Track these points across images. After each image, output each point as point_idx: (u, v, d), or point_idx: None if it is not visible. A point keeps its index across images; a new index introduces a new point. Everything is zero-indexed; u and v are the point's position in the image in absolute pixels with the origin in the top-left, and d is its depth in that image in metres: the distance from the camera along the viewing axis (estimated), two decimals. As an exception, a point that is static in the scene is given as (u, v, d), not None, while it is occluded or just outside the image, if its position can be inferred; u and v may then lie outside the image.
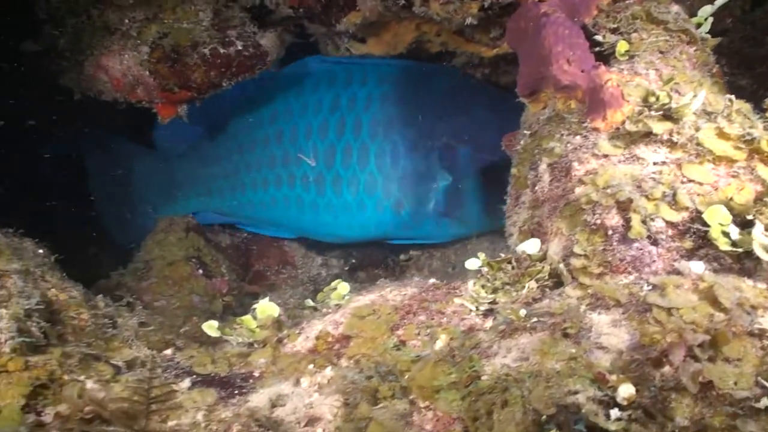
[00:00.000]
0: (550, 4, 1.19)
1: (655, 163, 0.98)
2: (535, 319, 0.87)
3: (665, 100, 0.98)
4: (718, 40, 1.20)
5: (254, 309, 1.15)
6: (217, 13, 1.58)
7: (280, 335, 1.10)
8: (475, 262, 1.04)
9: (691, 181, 0.95)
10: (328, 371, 0.98)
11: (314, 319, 1.12)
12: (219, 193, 2.25)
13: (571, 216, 0.99)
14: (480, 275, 1.03)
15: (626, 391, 0.72)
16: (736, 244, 0.86)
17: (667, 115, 0.99)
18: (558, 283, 0.98)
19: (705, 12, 1.22)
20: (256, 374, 1.01)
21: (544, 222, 1.06)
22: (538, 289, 0.97)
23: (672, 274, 0.87)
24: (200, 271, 1.90)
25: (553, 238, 1.02)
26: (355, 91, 2.04)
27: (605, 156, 1.01)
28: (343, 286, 1.17)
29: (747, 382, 0.71)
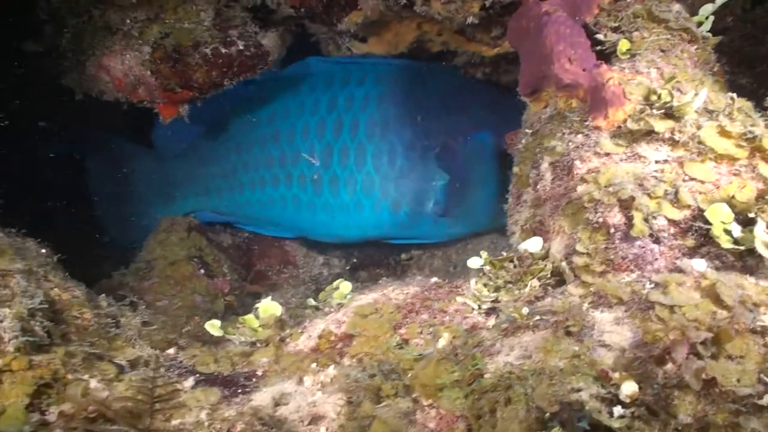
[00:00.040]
0: (551, 3, 1.19)
1: (657, 162, 0.98)
2: (537, 317, 0.87)
3: (667, 99, 0.99)
4: (719, 38, 1.20)
5: (257, 308, 1.15)
6: (219, 13, 1.58)
7: (283, 334, 1.10)
8: (478, 261, 1.04)
9: (692, 179, 0.95)
10: (331, 370, 0.98)
11: (316, 318, 1.12)
12: (217, 192, 2.24)
13: (574, 214, 0.99)
14: (482, 274, 1.03)
15: (629, 388, 0.72)
16: (738, 242, 0.86)
17: (669, 114, 0.99)
18: (560, 281, 0.98)
19: (706, 11, 1.22)
20: (259, 373, 1.01)
21: (546, 220, 1.07)
22: (541, 287, 0.97)
23: (674, 272, 0.87)
24: (202, 271, 1.90)
25: (555, 236, 1.02)
26: (352, 91, 2.03)
27: (607, 154, 1.01)
28: (346, 285, 1.17)
29: (750, 379, 0.71)
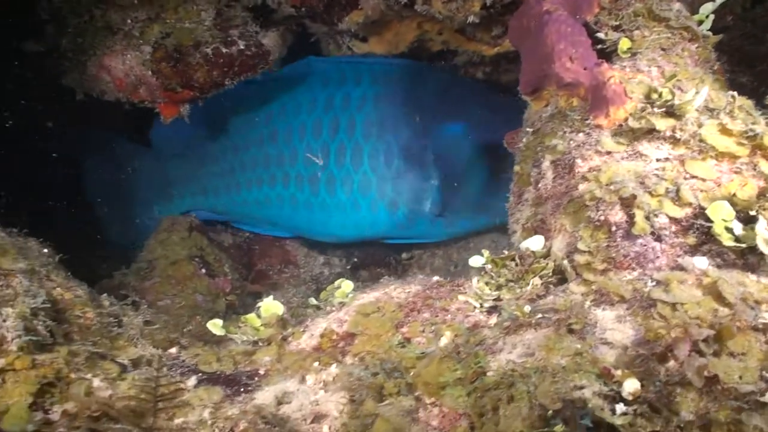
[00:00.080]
0: (552, 1, 1.19)
1: (658, 160, 0.98)
2: (539, 315, 0.88)
3: (668, 97, 0.99)
4: (720, 37, 1.21)
5: (258, 307, 1.15)
6: (220, 13, 1.58)
7: (285, 333, 1.10)
8: (479, 260, 1.04)
9: (694, 177, 0.95)
10: (333, 369, 0.98)
11: (318, 317, 1.12)
12: (214, 191, 2.25)
13: (575, 212, 0.99)
14: (484, 272, 1.04)
15: (631, 386, 0.73)
16: (739, 240, 0.87)
17: (670, 112, 0.99)
18: (562, 279, 0.98)
19: (706, 9, 1.22)
20: (262, 372, 1.01)
21: (548, 219, 1.07)
22: (542, 285, 0.98)
23: (676, 270, 0.87)
24: (203, 271, 1.90)
25: (557, 234, 1.02)
26: (349, 90, 2.03)
27: (608, 153, 1.01)
28: (347, 284, 1.17)
29: (752, 376, 0.71)
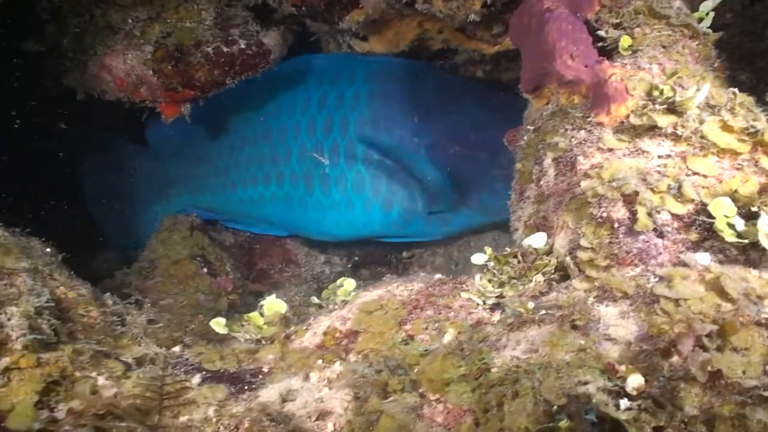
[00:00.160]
0: (553, -1, 1.20)
1: (660, 157, 0.98)
2: (543, 312, 0.88)
3: (669, 94, 0.99)
4: (720, 34, 1.21)
5: (261, 306, 1.15)
6: (220, 12, 1.59)
7: (288, 331, 1.10)
8: (481, 257, 1.04)
9: (695, 173, 0.95)
10: (337, 366, 0.98)
11: (321, 316, 1.12)
12: (211, 190, 2.25)
13: (577, 209, 1.00)
14: (486, 270, 1.04)
15: (635, 381, 0.73)
16: (741, 236, 0.87)
17: (671, 109, 1.00)
18: (565, 276, 0.98)
19: (706, 7, 1.23)
20: (265, 370, 1.02)
21: (550, 216, 1.07)
22: (545, 282, 0.98)
23: (678, 266, 0.87)
24: (205, 270, 1.90)
25: (559, 231, 1.03)
26: (342, 89, 2.03)
27: (610, 150, 1.02)
28: (350, 282, 1.17)
29: (755, 371, 0.72)
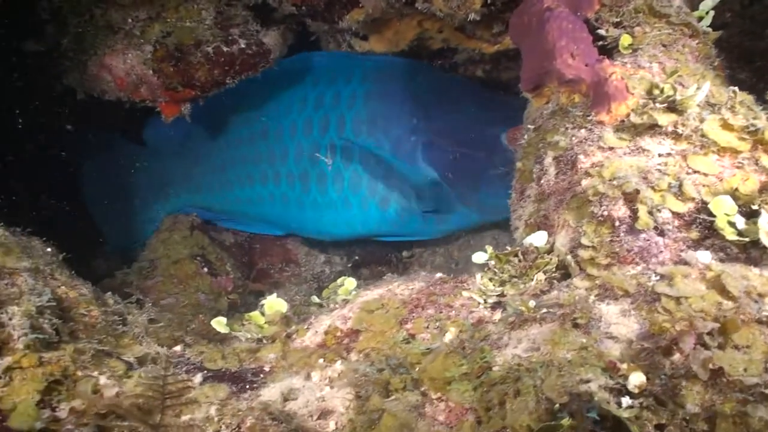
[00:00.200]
0: (553, -2, 1.20)
1: (661, 155, 0.98)
2: (544, 310, 0.88)
3: (670, 93, 0.99)
4: (720, 33, 1.21)
5: (262, 305, 1.15)
6: (220, 12, 1.58)
7: (289, 331, 1.11)
8: (482, 256, 1.04)
9: (696, 172, 0.96)
10: (338, 365, 0.98)
11: (322, 315, 1.12)
12: (208, 189, 2.24)
13: (578, 208, 1.00)
14: (487, 268, 1.04)
15: (637, 379, 0.73)
16: (742, 234, 0.87)
17: (672, 108, 1.00)
18: (565, 274, 0.98)
19: (706, 6, 1.23)
20: (267, 369, 1.02)
21: (551, 214, 1.07)
22: (546, 281, 0.98)
23: (679, 264, 0.87)
24: (205, 269, 1.90)
25: (560, 230, 1.03)
26: (339, 88, 2.02)
27: (611, 148, 1.02)
28: (350, 281, 1.17)
29: (757, 369, 0.72)
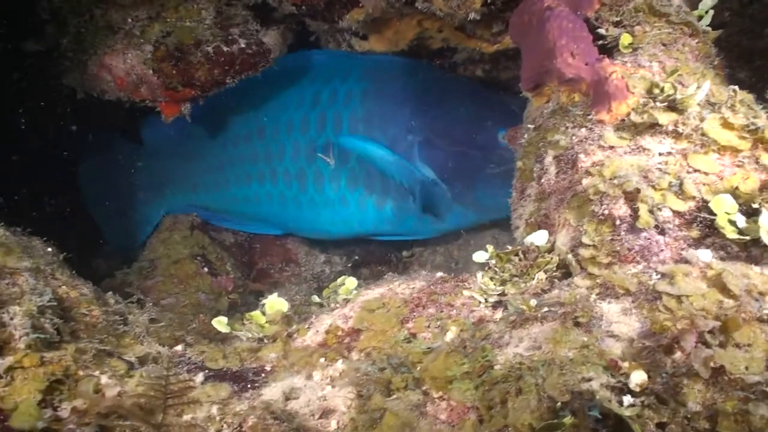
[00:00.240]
0: (553, -2, 1.20)
1: (661, 154, 0.99)
2: (545, 309, 0.88)
3: (670, 92, 0.99)
4: (719, 32, 1.21)
5: (263, 304, 1.15)
6: (220, 12, 1.59)
7: (290, 330, 1.11)
8: (483, 255, 1.04)
9: (696, 170, 0.96)
10: (340, 364, 0.98)
11: (323, 314, 1.12)
12: (204, 188, 2.24)
13: (579, 207, 1.00)
14: (488, 267, 1.04)
15: (638, 377, 0.73)
16: (742, 232, 0.87)
17: (672, 107, 1.00)
18: (566, 273, 0.98)
19: (706, 5, 1.23)
20: (268, 368, 1.02)
21: (551, 213, 1.07)
22: (547, 279, 0.98)
23: (680, 263, 0.87)
24: (205, 269, 1.90)
25: (561, 229, 1.03)
26: (335, 87, 2.02)
27: (611, 147, 1.02)
28: (351, 280, 1.17)
29: (758, 367, 0.72)
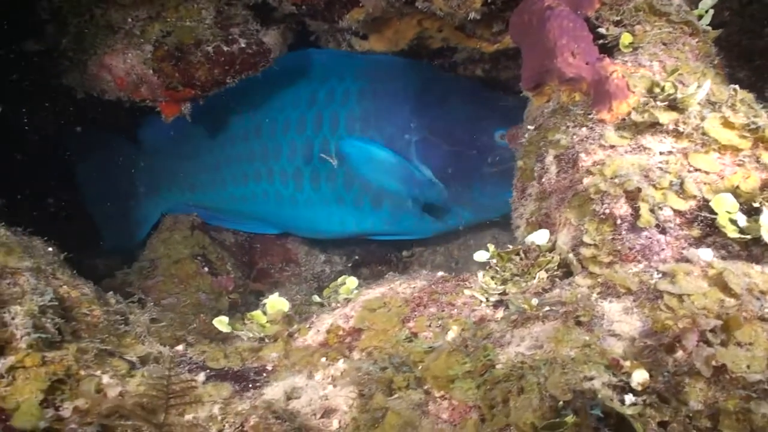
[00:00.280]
0: (553, -3, 1.20)
1: (662, 153, 0.99)
2: (547, 308, 0.88)
3: (670, 91, 0.99)
4: (719, 31, 1.21)
5: (264, 304, 1.15)
6: (220, 11, 1.59)
7: (291, 330, 1.11)
8: (484, 254, 1.04)
9: (697, 170, 0.96)
10: (341, 364, 0.98)
11: (324, 314, 1.12)
12: (201, 187, 2.24)
13: (580, 206, 1.00)
14: (489, 267, 1.04)
15: (640, 376, 0.74)
16: (743, 231, 0.87)
17: (673, 106, 1.00)
18: (567, 273, 0.98)
19: (706, 4, 1.23)
20: (269, 368, 1.02)
21: (552, 213, 1.07)
22: (548, 279, 0.98)
23: (681, 262, 0.88)
24: (206, 269, 1.90)
25: (562, 228, 1.03)
26: (332, 86, 2.02)
27: (612, 147, 1.02)
28: (352, 280, 1.17)
29: (760, 366, 0.72)
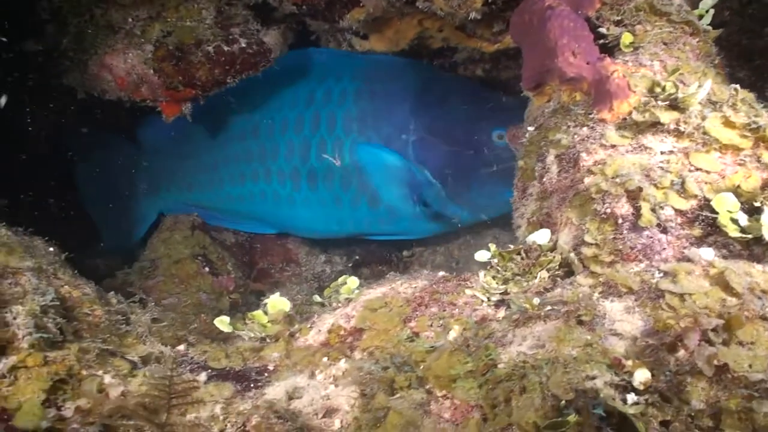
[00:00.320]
0: (554, -3, 1.20)
1: (663, 153, 0.99)
2: (548, 308, 0.88)
3: (671, 90, 1.00)
4: (720, 31, 1.22)
5: (265, 304, 1.15)
6: (220, 11, 1.59)
7: (292, 329, 1.11)
8: (485, 254, 1.05)
9: (698, 169, 0.96)
10: (343, 363, 0.98)
11: (325, 314, 1.12)
12: (199, 187, 2.24)
13: (581, 206, 1.00)
14: (490, 266, 1.04)
15: (642, 375, 0.74)
16: (744, 231, 0.87)
17: (674, 105, 1.00)
18: (569, 272, 0.99)
19: (706, 4, 1.23)
20: (271, 368, 1.02)
21: (553, 212, 1.07)
22: (550, 278, 0.98)
23: (683, 261, 0.88)
24: (206, 269, 1.90)
25: (563, 228, 1.03)
26: (330, 86, 2.03)
27: (613, 146, 1.02)
28: (353, 280, 1.17)
29: (761, 365, 0.72)
